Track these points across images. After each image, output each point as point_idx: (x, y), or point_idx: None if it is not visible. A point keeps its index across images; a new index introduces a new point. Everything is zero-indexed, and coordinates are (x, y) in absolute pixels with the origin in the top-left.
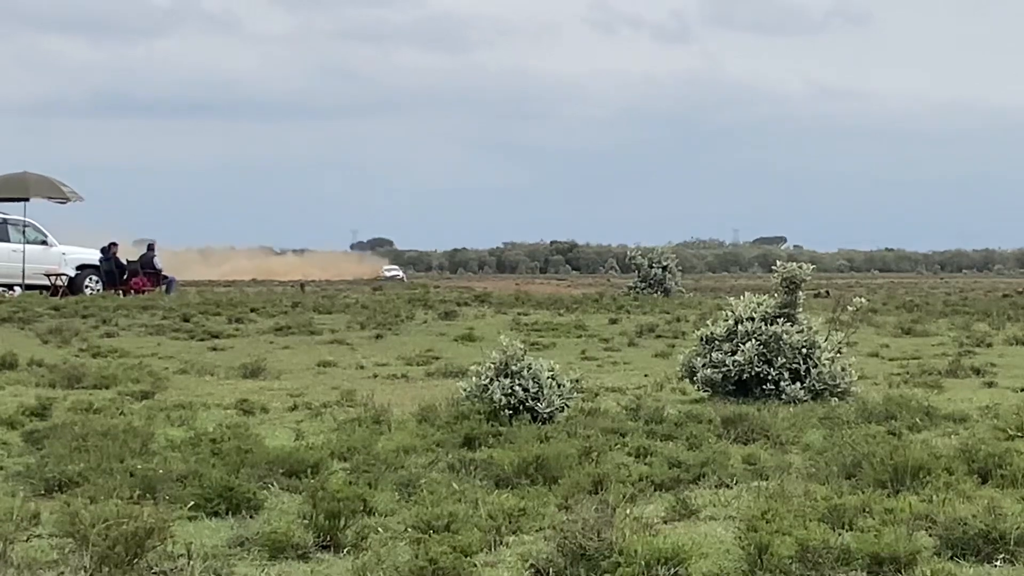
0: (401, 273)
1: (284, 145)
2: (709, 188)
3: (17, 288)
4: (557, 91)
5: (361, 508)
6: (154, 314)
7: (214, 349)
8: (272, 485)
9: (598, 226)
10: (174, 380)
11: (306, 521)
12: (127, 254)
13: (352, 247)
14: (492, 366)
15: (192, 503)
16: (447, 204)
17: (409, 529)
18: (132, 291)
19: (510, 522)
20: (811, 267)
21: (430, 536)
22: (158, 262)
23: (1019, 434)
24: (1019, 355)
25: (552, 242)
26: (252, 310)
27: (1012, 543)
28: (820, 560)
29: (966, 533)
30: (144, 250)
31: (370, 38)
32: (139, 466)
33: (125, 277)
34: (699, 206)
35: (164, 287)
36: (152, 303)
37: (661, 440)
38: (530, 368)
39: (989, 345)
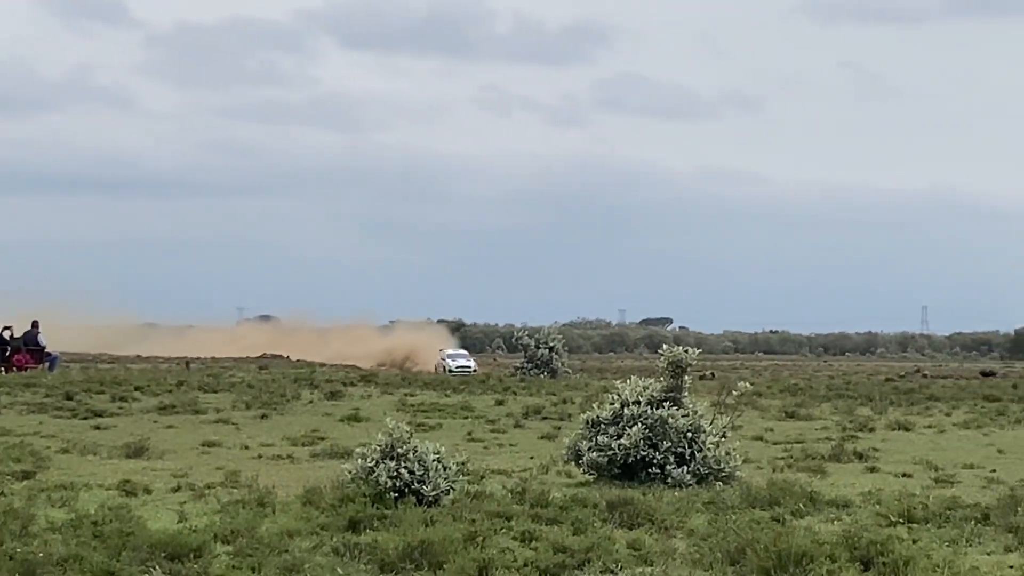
0: (472, 364)
1: (172, 221)
2: (596, 269)
3: None
4: (448, 171)
5: None
6: (36, 392)
7: (97, 428)
8: (154, 569)
9: (486, 305)
10: (56, 460)
11: None
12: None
13: (238, 324)
14: (378, 448)
15: None
16: (334, 281)
17: None
18: (14, 368)
19: None
20: (697, 351)
21: None
22: (42, 339)
23: (901, 521)
24: (901, 440)
25: (439, 320)
26: (136, 388)
27: None
28: None
29: None
30: (28, 327)
31: (262, 116)
32: (19, 549)
33: (7, 354)
34: (586, 286)
35: (47, 364)
36: (35, 380)
37: (546, 524)
38: (416, 450)
39: (872, 430)
